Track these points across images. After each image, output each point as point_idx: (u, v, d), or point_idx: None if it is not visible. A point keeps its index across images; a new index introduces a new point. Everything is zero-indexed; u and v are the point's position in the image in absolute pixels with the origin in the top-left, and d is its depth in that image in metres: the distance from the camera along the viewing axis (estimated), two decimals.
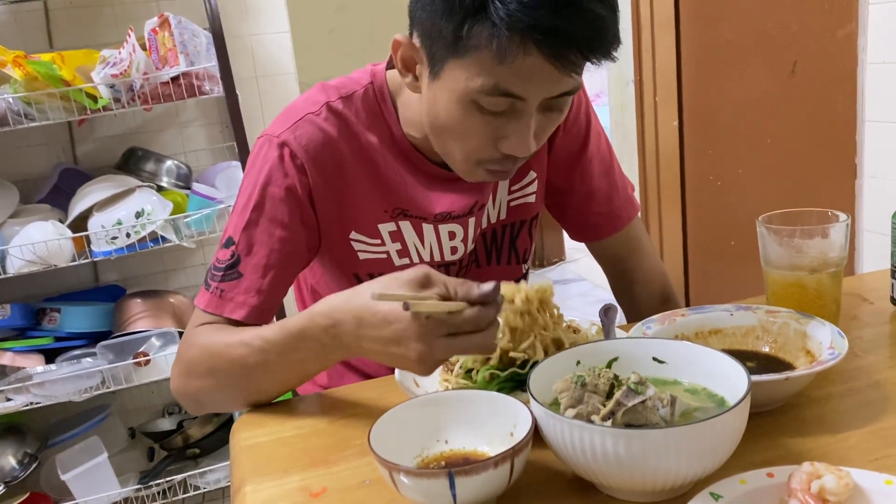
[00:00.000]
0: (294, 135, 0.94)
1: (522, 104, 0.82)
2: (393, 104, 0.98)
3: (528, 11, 0.74)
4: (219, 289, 0.93)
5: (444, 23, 0.79)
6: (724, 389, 0.69)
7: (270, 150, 0.94)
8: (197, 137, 2.38)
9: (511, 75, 0.79)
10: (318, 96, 0.97)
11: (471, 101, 0.82)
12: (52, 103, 1.96)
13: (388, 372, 1.07)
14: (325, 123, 0.95)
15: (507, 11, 0.75)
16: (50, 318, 2.12)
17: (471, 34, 0.78)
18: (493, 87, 0.80)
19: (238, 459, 0.81)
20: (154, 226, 2.03)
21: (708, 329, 0.87)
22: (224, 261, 0.94)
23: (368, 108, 0.97)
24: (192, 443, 2.26)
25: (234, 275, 0.93)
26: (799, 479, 0.60)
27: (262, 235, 0.93)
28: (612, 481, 0.63)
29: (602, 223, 1.12)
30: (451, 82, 0.83)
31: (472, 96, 0.82)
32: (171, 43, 2.00)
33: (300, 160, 0.93)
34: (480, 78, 0.80)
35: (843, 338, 0.77)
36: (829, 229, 0.90)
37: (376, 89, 0.98)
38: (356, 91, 0.97)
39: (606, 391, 0.66)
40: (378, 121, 0.97)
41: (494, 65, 0.78)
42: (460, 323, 0.71)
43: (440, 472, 0.61)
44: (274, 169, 0.93)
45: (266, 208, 0.93)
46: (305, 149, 0.93)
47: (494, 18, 0.76)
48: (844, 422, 0.74)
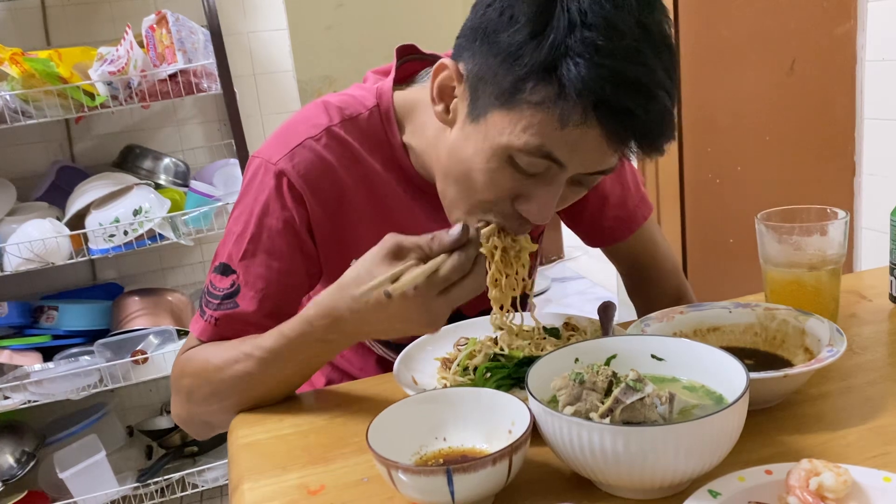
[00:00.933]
0: (292, 163, 0.89)
1: (558, 170, 0.77)
2: (400, 130, 0.94)
3: (602, 84, 0.70)
4: (213, 318, 0.91)
5: (502, 70, 0.74)
6: (722, 387, 0.69)
7: (267, 178, 0.90)
8: (195, 135, 2.38)
9: (561, 141, 0.74)
10: (319, 118, 0.92)
11: (507, 156, 0.77)
12: (49, 101, 1.95)
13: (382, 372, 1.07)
14: (325, 150, 0.91)
15: (580, 78, 0.70)
16: (47, 316, 2.12)
17: (533, 91, 0.73)
18: (538, 149, 0.75)
19: (236, 457, 0.81)
20: (152, 223, 2.02)
21: (706, 326, 0.87)
22: (222, 289, 0.91)
23: (373, 134, 0.93)
24: (190, 441, 2.26)
25: (230, 304, 0.91)
26: (797, 476, 0.60)
27: (261, 268, 0.91)
28: (610, 479, 0.62)
29: (617, 227, 1.09)
30: (491, 130, 0.77)
31: (510, 151, 0.76)
32: (168, 40, 2.00)
33: (298, 191, 0.90)
34: (527, 136, 0.74)
35: (842, 335, 0.77)
36: (828, 226, 0.89)
37: (382, 113, 0.93)
38: (361, 114, 0.93)
39: (605, 388, 0.66)
40: (382, 147, 0.93)
41: (550, 128, 0.73)
42: (446, 276, 0.72)
43: (438, 469, 0.60)
44: (271, 199, 0.90)
45: (263, 240, 0.91)
46: (304, 178, 0.90)
47: (565, 81, 0.70)
48: (843, 419, 0.74)
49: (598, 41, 0.70)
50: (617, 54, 0.70)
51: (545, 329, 0.92)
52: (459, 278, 0.73)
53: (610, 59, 0.70)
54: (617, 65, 0.70)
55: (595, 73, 0.70)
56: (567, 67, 0.70)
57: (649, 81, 0.71)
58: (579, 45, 0.70)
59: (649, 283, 1.14)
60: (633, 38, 0.71)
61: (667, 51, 0.73)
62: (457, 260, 0.73)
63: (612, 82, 0.70)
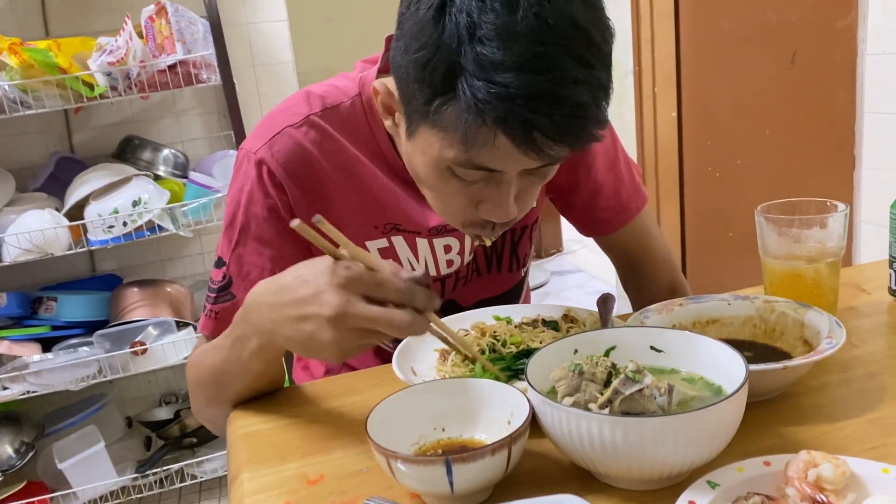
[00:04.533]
0: (271, 151, 0.90)
1: (500, 175, 0.77)
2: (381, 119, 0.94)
3: (498, 102, 0.67)
4: (213, 312, 0.93)
5: (417, 90, 0.74)
6: (721, 378, 0.69)
7: (249, 168, 0.91)
8: (194, 126, 2.38)
9: (484, 155, 0.74)
10: (300, 107, 0.92)
11: (445, 168, 0.78)
12: (48, 91, 1.95)
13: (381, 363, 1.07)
14: (305, 138, 0.90)
15: (475, 98, 0.68)
16: (46, 307, 2.12)
17: (440, 111, 0.72)
18: (466, 162, 0.75)
19: (235, 447, 0.81)
20: (151, 214, 2.02)
21: (706, 318, 0.87)
22: (217, 282, 0.93)
23: (355, 122, 0.92)
24: (189, 432, 2.26)
25: (227, 297, 0.92)
26: (796, 467, 0.60)
27: (251, 256, 0.92)
28: (609, 469, 0.63)
29: (610, 217, 1.09)
30: (424, 146, 0.78)
31: (446, 164, 0.77)
32: (168, 31, 1.99)
33: (278, 178, 0.90)
34: (453, 151, 0.74)
35: (841, 327, 0.77)
36: (828, 219, 0.89)
37: (364, 102, 0.93)
38: (342, 102, 0.92)
39: (604, 379, 0.66)
40: (365, 135, 0.93)
41: (463, 146, 0.73)
42: (381, 283, 0.67)
43: (437, 459, 0.60)
44: (254, 188, 0.91)
45: (251, 228, 0.91)
46: (283, 166, 0.90)
47: (463, 102, 0.69)
48: (841, 411, 0.74)
49: (490, 56, 0.67)
50: (511, 67, 0.66)
51: (544, 321, 0.92)
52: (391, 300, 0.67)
53: (504, 74, 0.67)
54: (512, 79, 0.67)
55: (490, 92, 0.67)
56: (463, 88, 0.69)
57: (552, 85, 0.68)
58: (471, 64, 0.68)
59: (643, 275, 1.14)
60: (530, 40, 0.67)
61: (578, 35, 0.68)
62: (402, 283, 0.67)
63: (509, 98, 0.67)
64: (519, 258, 1.08)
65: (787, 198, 0.93)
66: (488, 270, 1.06)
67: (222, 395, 0.89)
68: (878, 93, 1.76)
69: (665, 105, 2.57)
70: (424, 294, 0.68)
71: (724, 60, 2.35)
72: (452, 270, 1.02)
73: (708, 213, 2.57)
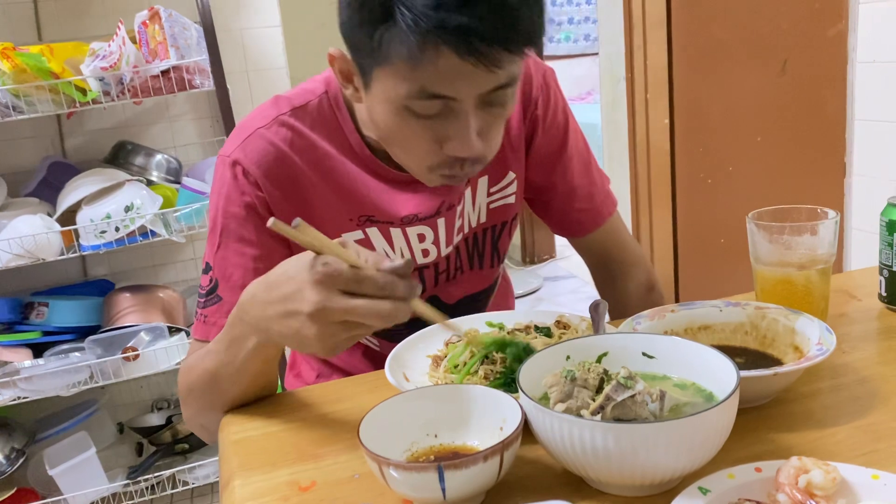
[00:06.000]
0: (244, 152, 0.93)
1: (457, 104, 0.80)
2: (349, 111, 0.97)
3: (433, 13, 0.72)
4: (203, 315, 0.95)
5: (360, 33, 0.78)
6: (712, 385, 0.69)
7: (225, 171, 0.94)
8: (187, 131, 2.37)
9: (434, 78, 0.77)
10: (269, 110, 0.96)
11: (404, 108, 0.81)
12: (40, 96, 1.94)
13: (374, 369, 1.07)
14: (276, 137, 0.94)
15: (412, 16, 0.73)
16: (38, 313, 2.11)
17: (383, 42, 0.76)
18: (420, 91, 0.78)
19: (227, 454, 0.81)
20: (143, 220, 2.02)
21: (697, 325, 0.87)
22: (205, 287, 0.95)
23: (323, 118, 0.96)
24: (180, 438, 2.25)
25: (214, 299, 0.94)
26: (787, 473, 0.60)
27: (234, 257, 0.94)
28: (601, 475, 0.63)
29: (584, 219, 1.12)
30: (381, 92, 0.81)
31: (403, 102, 0.80)
32: (161, 36, 1.99)
33: (253, 176, 0.93)
34: (405, 84, 0.78)
35: (832, 334, 0.78)
36: (819, 226, 0.90)
37: (331, 98, 0.96)
38: (310, 101, 0.96)
39: (596, 386, 0.67)
40: (334, 130, 0.96)
41: (412, 69, 0.76)
42: (361, 280, 0.68)
43: (429, 465, 0.61)
44: (231, 189, 0.93)
45: (232, 229, 0.94)
46: (257, 164, 0.93)
47: (401, 25, 0.74)
48: (832, 417, 0.74)
49: None
50: None
51: (537, 327, 0.93)
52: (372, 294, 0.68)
53: None
54: None
55: (424, 6, 0.73)
56: (399, 11, 0.74)
57: None
58: None
59: (621, 274, 1.17)
60: None
61: None
62: (382, 276, 0.68)
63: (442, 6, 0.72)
64: (499, 254, 1.11)
65: (779, 204, 0.94)
66: (471, 267, 1.08)
67: (216, 400, 0.89)
68: (868, 100, 1.78)
69: (657, 112, 2.58)
70: (405, 284, 0.69)
71: (716, 68, 2.36)
72: (430, 261, 1.03)
73: (700, 219, 2.58)
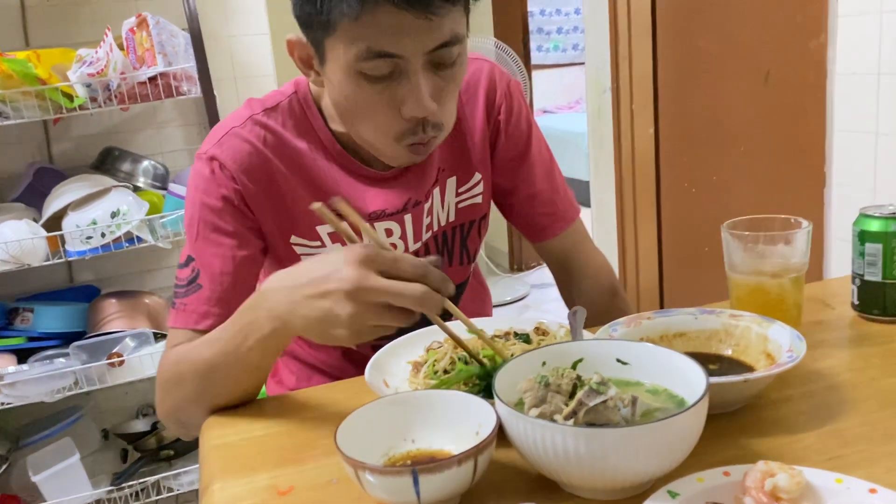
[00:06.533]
0: (221, 149, 0.97)
1: (404, 63, 0.84)
2: (319, 110, 1.01)
3: None
4: (182, 304, 0.96)
5: (308, 7, 0.84)
6: (684, 390, 0.71)
7: (203, 167, 0.98)
8: (174, 138, 2.38)
9: (377, 35, 0.82)
10: (242, 111, 1.01)
11: (356, 73, 0.85)
12: (27, 102, 1.94)
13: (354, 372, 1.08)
14: (250, 135, 0.98)
15: None
16: (23, 318, 2.10)
17: (327, 9, 0.82)
18: (367, 51, 0.83)
19: (207, 458, 0.82)
20: (130, 226, 2.02)
21: (673, 332, 0.89)
22: (185, 278, 0.97)
23: (294, 117, 1.00)
24: (165, 444, 2.25)
25: (195, 288, 0.96)
26: (753, 477, 0.61)
27: (213, 247, 0.96)
28: (573, 479, 0.64)
29: (547, 224, 1.16)
30: (334, 62, 0.87)
31: (354, 68, 0.85)
32: (148, 43, 2.00)
33: (229, 171, 0.97)
34: (353, 47, 0.83)
35: (802, 341, 0.79)
36: (792, 235, 0.92)
37: (301, 98, 1.01)
38: (280, 102, 1.01)
39: (569, 391, 0.68)
40: (305, 127, 1.01)
41: (356, 29, 0.81)
42: (399, 261, 0.72)
43: (404, 469, 0.62)
44: (208, 183, 0.97)
45: (209, 220, 0.97)
46: (233, 160, 0.97)
47: None
48: (802, 423, 0.76)
49: None
50: None
51: (516, 334, 0.94)
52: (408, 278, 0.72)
53: None
54: None
55: None
56: None
57: None
58: None
59: (584, 278, 1.19)
60: None
61: None
62: (417, 260, 0.73)
63: None
64: (469, 252, 1.15)
65: (760, 213, 0.96)
66: None
67: (205, 392, 0.89)
68: (847, 112, 1.80)
69: (642, 121, 2.61)
70: (438, 274, 0.73)
71: (700, 78, 2.39)
72: None
73: (684, 227, 2.60)
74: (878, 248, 0.95)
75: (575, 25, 6.68)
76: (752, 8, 2.13)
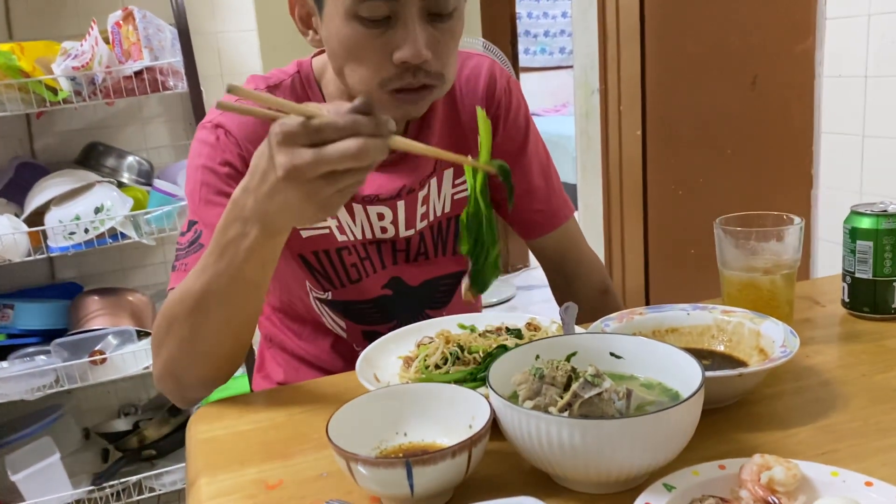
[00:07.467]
0: (226, 117, 0.98)
1: (401, 8, 0.85)
2: (319, 90, 1.02)
3: None
4: (183, 264, 0.94)
5: None
6: (678, 384, 0.70)
7: (207, 134, 0.98)
8: (159, 133, 2.36)
9: None
10: (246, 86, 1.01)
11: (354, 17, 0.86)
12: (9, 95, 1.92)
13: (343, 366, 1.07)
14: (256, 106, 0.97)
15: None
16: (3, 315, 2.07)
17: None
18: None
19: (194, 452, 0.80)
20: (113, 222, 1.99)
21: (665, 328, 0.89)
22: (186, 241, 0.96)
23: (296, 96, 1.01)
24: (148, 444, 2.22)
25: (196, 248, 0.94)
26: (749, 470, 0.61)
27: (215, 209, 0.94)
28: (567, 472, 0.63)
29: (541, 221, 1.16)
30: (332, 7, 0.88)
31: (352, 10, 0.86)
32: (134, 37, 1.98)
33: (234, 137, 0.97)
34: None
35: (795, 336, 0.79)
36: (784, 232, 0.92)
37: (302, 77, 1.03)
38: (283, 80, 1.02)
39: (564, 383, 0.67)
40: None
41: None
42: (320, 128, 0.65)
43: (398, 461, 0.61)
44: (213, 148, 0.97)
45: (212, 183, 0.96)
46: (238, 127, 0.97)
47: None
48: (795, 418, 0.76)
49: None
50: None
51: (508, 329, 0.93)
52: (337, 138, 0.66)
53: None
54: None
55: None
56: None
57: None
58: None
59: (576, 276, 1.20)
60: None
61: None
62: (342, 117, 0.65)
63: None
64: None
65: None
66: (435, 254, 1.11)
67: (201, 326, 0.84)
68: (834, 114, 1.82)
69: (630, 123, 2.61)
70: (370, 120, 0.66)
71: (687, 81, 2.40)
72: (388, 237, 1.07)
73: (670, 228, 2.61)
74: (868, 246, 0.96)
75: (562, 29, 6.70)
76: (739, 11, 2.15)
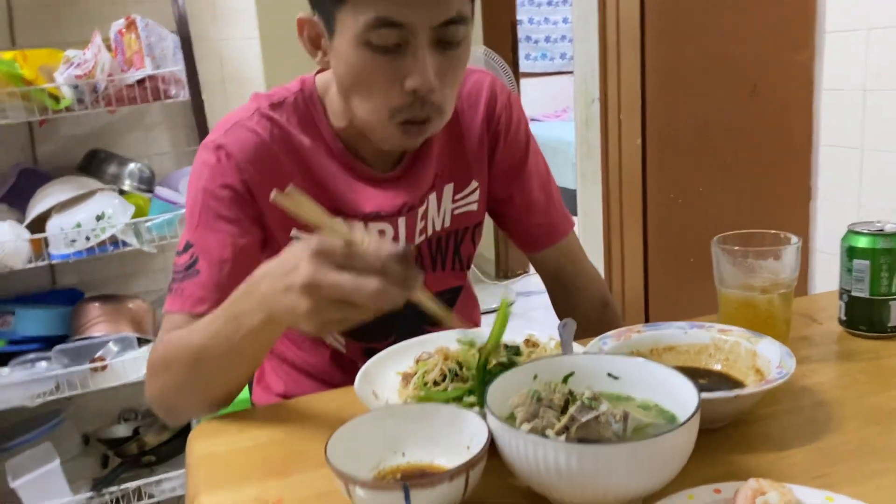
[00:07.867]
0: (228, 138, 0.98)
1: (411, 35, 0.86)
2: (323, 108, 1.03)
3: None
4: (180, 288, 0.96)
5: None
6: (675, 406, 0.71)
7: (208, 156, 0.99)
8: (161, 141, 2.36)
9: (385, 3, 0.84)
10: (249, 105, 1.02)
11: (364, 44, 0.87)
12: (12, 102, 1.92)
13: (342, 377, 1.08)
14: (257, 126, 0.99)
15: None
16: (3, 321, 2.07)
17: None
18: (376, 20, 0.85)
19: (194, 469, 0.81)
20: (115, 229, 2.00)
21: (662, 346, 0.89)
22: (182, 264, 0.97)
23: (299, 113, 1.02)
24: (147, 450, 2.22)
25: (193, 273, 0.96)
26: (744, 495, 0.62)
27: (213, 234, 0.96)
28: (564, 495, 0.64)
29: (541, 234, 1.17)
30: (343, 32, 0.88)
31: (363, 37, 0.87)
32: (137, 45, 1.98)
33: (235, 159, 0.97)
34: (363, 16, 0.85)
35: (792, 357, 0.80)
36: (781, 251, 0.92)
37: (306, 95, 1.03)
38: (286, 98, 1.03)
39: (561, 406, 0.68)
40: (309, 124, 1.02)
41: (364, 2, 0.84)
42: (354, 256, 0.67)
43: (395, 484, 0.61)
44: (213, 171, 0.98)
45: (212, 207, 0.97)
46: (240, 149, 0.98)
47: None
48: (790, 439, 0.76)
49: None
50: None
51: (506, 346, 0.94)
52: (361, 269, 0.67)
53: None
54: None
55: None
56: None
57: None
58: None
59: (576, 290, 1.21)
60: None
61: None
62: (375, 251, 0.67)
63: None
64: (462, 259, 1.16)
65: (746, 225, 0.96)
66: (433, 269, 1.12)
67: (194, 379, 0.88)
68: (832, 127, 1.82)
69: (630, 132, 2.62)
70: (401, 269, 0.68)
71: (687, 90, 2.41)
72: None
73: (670, 238, 2.62)
74: (865, 265, 0.96)
75: (563, 34, 6.71)
76: (739, 22, 2.15)
